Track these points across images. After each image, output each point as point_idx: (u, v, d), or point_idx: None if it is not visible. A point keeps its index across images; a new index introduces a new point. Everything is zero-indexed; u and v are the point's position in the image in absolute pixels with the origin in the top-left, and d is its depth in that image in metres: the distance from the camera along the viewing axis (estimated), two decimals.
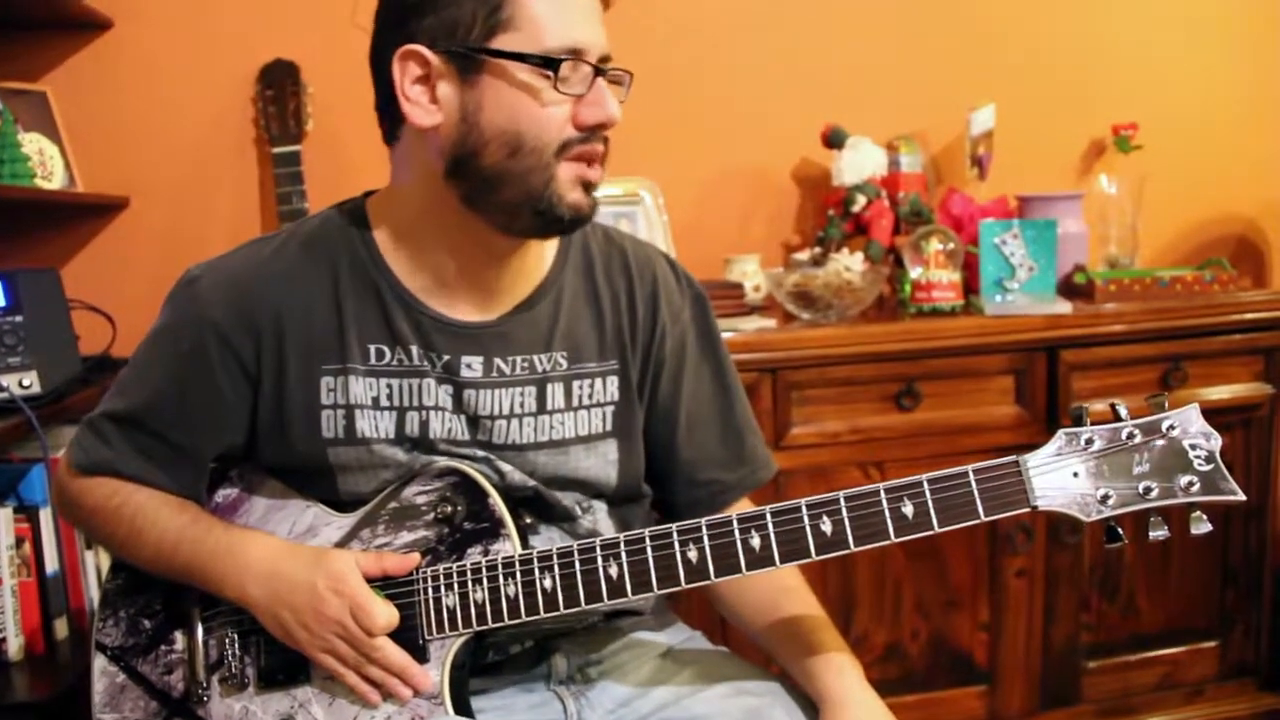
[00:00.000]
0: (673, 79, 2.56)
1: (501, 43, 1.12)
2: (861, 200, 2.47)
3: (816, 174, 2.65)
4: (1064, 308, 2.23)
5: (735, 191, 2.65)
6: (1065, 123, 2.75)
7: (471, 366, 1.25)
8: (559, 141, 1.15)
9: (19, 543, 1.94)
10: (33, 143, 2.27)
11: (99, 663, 1.30)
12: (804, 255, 2.46)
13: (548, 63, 1.12)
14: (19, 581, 1.93)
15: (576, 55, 1.14)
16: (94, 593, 2.06)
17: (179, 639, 1.28)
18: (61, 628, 1.99)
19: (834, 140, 2.52)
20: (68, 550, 2.01)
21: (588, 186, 1.18)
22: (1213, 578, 2.36)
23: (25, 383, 1.88)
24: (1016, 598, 2.26)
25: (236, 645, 1.25)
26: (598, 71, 1.16)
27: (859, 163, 2.48)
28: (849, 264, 2.27)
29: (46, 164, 2.29)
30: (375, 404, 1.25)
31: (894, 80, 2.68)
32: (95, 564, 2.07)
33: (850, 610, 2.21)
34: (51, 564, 1.98)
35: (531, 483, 1.27)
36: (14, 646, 1.92)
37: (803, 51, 2.64)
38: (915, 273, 2.30)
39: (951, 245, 2.30)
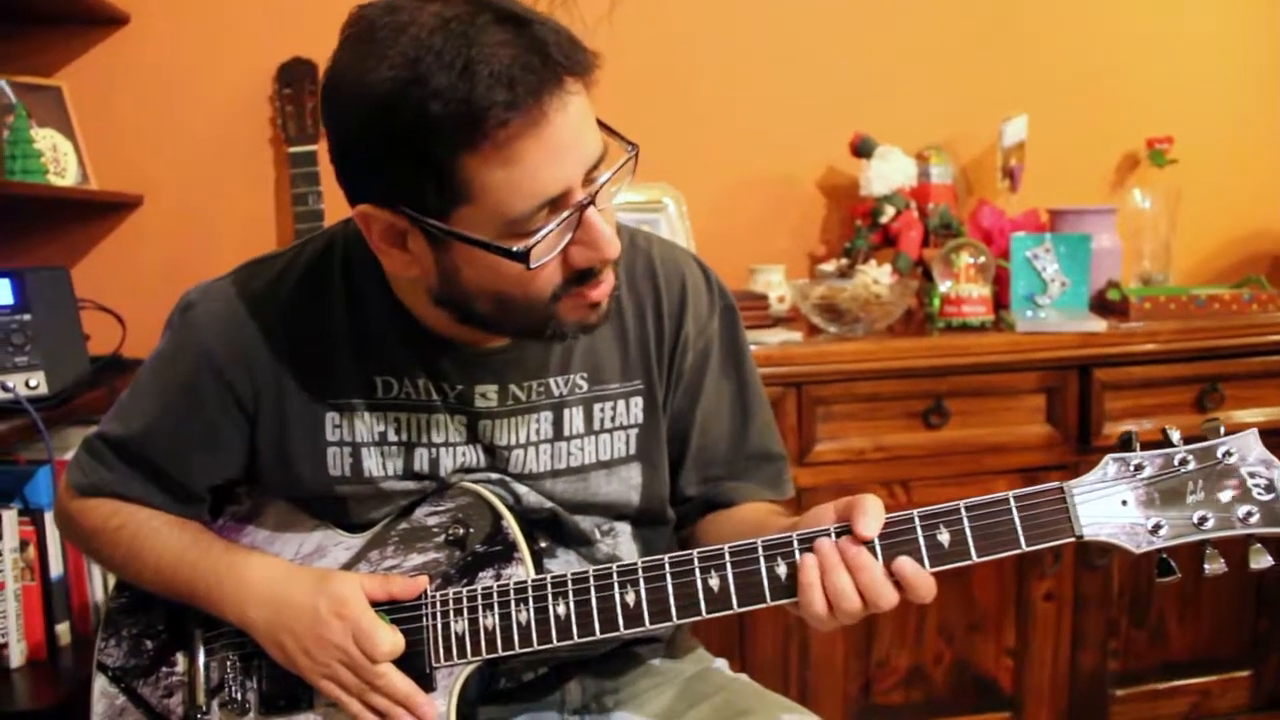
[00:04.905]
0: (698, 83, 2.53)
1: (462, 219, 0.98)
2: (890, 211, 2.43)
3: (844, 183, 2.60)
4: (1098, 325, 2.17)
5: (760, 200, 2.61)
6: (1099, 135, 2.70)
7: (487, 396, 1.19)
8: (551, 293, 1.04)
9: (23, 546, 1.91)
10: (46, 138, 2.24)
11: (99, 683, 1.26)
12: (830, 266, 2.42)
13: (513, 254, 0.98)
14: (22, 586, 1.90)
15: (554, 205, 0.99)
16: (98, 598, 2.03)
17: (180, 661, 1.24)
18: (64, 634, 1.97)
19: (862, 149, 2.47)
20: (72, 554, 1.98)
21: (595, 305, 1.08)
22: (1246, 605, 2.31)
23: (32, 383, 1.85)
24: (1043, 622, 2.21)
25: (238, 669, 1.21)
26: (585, 202, 1.00)
27: (888, 173, 2.44)
28: (877, 276, 2.22)
29: (60, 160, 2.26)
30: (382, 440, 1.19)
31: (924, 89, 2.63)
32: (100, 570, 2.03)
33: (872, 633, 2.17)
34: (56, 568, 1.95)
35: (549, 504, 1.22)
36: (16, 653, 1.89)
37: (832, 58, 2.60)
38: (945, 286, 2.25)
39: (983, 259, 2.26)
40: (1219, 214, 2.73)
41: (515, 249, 0.98)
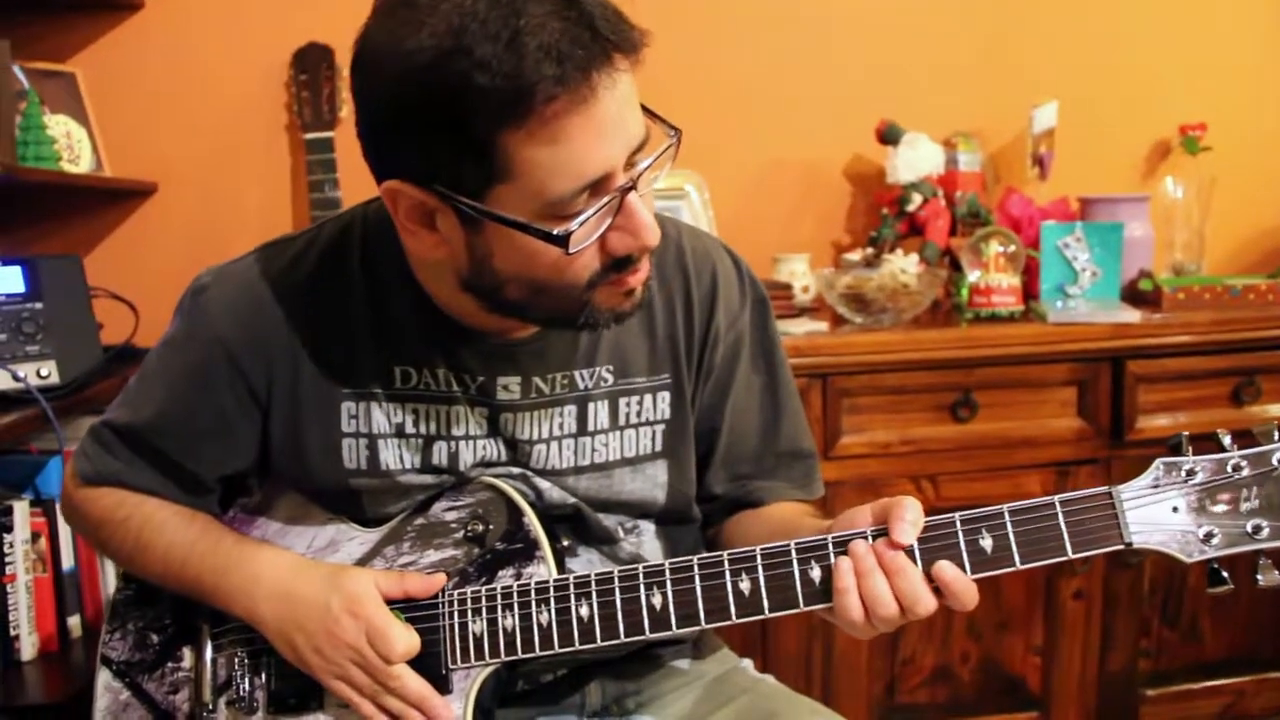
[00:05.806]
0: (721, 68, 2.49)
1: (499, 197, 0.94)
2: (917, 199, 2.39)
3: (870, 171, 2.56)
4: (1130, 316, 2.13)
5: (784, 187, 2.57)
6: (1130, 122, 2.65)
7: (509, 388, 1.15)
8: (587, 279, 1.00)
9: (34, 538, 1.90)
10: (60, 125, 2.21)
11: (103, 677, 1.23)
12: (855, 256, 2.38)
13: (553, 237, 0.94)
14: (34, 578, 1.89)
15: (595, 188, 0.95)
16: (111, 590, 2.00)
17: (187, 656, 1.21)
18: (76, 627, 1.96)
19: (889, 136, 2.43)
20: (83, 546, 1.96)
21: (631, 292, 1.04)
22: None
23: (43, 373, 1.83)
24: (1072, 621, 2.17)
25: (246, 666, 1.17)
26: (628, 186, 0.97)
27: (915, 160, 2.40)
28: (904, 265, 2.18)
29: (74, 147, 2.24)
30: (399, 432, 1.15)
31: (953, 75, 2.58)
32: (113, 562, 2.01)
33: (897, 631, 2.11)
34: (67, 560, 1.95)
35: (572, 500, 1.18)
36: (27, 645, 1.88)
37: (858, 43, 2.56)
38: (973, 276, 2.21)
39: (1013, 248, 2.22)
40: (1253, 202, 2.68)
41: (555, 232, 0.94)
